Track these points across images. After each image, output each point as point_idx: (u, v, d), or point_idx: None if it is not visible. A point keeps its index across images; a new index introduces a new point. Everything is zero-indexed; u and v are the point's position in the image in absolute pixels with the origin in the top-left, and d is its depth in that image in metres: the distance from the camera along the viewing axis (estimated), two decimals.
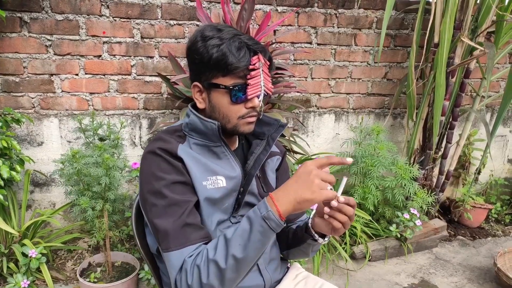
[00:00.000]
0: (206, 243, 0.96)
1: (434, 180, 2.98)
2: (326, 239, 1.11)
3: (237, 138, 1.17)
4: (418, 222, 2.58)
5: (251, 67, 0.99)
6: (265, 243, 0.90)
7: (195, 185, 1.02)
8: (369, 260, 2.61)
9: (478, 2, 2.55)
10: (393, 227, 2.63)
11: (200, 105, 1.06)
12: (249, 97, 1.00)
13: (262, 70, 1.01)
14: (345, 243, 2.58)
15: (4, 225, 2.07)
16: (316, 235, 1.09)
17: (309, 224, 1.10)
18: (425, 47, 2.59)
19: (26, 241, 2.12)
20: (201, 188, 1.02)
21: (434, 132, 2.61)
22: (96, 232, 2.14)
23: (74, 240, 2.60)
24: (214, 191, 1.03)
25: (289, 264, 1.36)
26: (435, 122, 2.57)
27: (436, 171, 2.97)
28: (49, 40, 2.34)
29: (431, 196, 2.68)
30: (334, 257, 2.60)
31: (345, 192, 2.94)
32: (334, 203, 0.92)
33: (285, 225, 0.89)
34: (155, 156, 1.00)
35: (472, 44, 2.38)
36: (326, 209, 0.95)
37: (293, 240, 1.20)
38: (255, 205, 1.13)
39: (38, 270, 2.14)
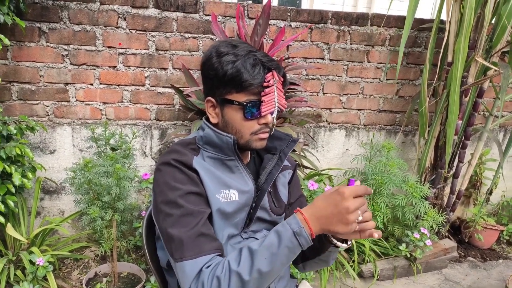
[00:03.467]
0: (219, 255, 0.96)
1: (445, 199, 2.94)
2: (349, 242, 1.04)
3: (249, 153, 1.17)
4: (428, 242, 2.54)
5: (265, 84, 0.99)
6: (290, 259, 0.91)
7: (209, 197, 1.01)
8: (377, 279, 2.57)
9: (493, 22, 2.54)
10: (402, 247, 2.59)
11: (213, 119, 1.07)
12: (263, 113, 1.01)
13: (276, 87, 1.02)
14: (353, 261, 2.54)
15: (13, 232, 2.08)
16: (337, 242, 1.03)
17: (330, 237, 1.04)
18: (438, 65, 2.59)
19: (34, 249, 2.13)
20: (214, 200, 1.02)
21: (447, 151, 2.58)
22: (104, 242, 2.14)
23: (81, 248, 2.61)
24: (226, 205, 1.03)
25: (297, 282, 1.34)
26: (448, 141, 2.54)
27: (447, 190, 2.93)
28: (66, 50, 2.38)
29: (441, 216, 2.64)
30: (341, 275, 2.56)
31: None
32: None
33: (311, 243, 0.90)
34: (170, 167, 1.00)
35: (487, 64, 2.37)
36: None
37: (310, 251, 1.14)
38: (268, 220, 1.14)
39: (45, 278, 2.14)
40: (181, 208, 0.96)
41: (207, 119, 1.11)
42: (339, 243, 1.02)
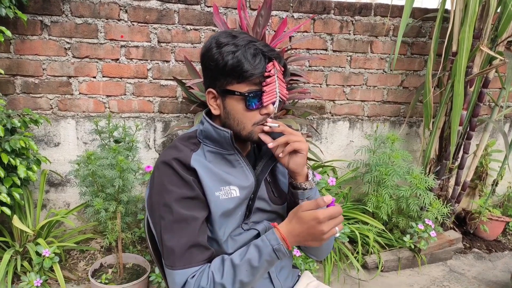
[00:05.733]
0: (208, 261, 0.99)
1: (450, 190, 2.93)
2: (310, 178, 1.09)
3: (249, 143, 1.17)
4: (432, 234, 2.53)
5: (266, 74, 0.98)
6: (269, 269, 0.98)
7: (208, 196, 1.01)
8: (381, 271, 2.57)
9: (498, 11, 2.50)
10: (407, 238, 2.59)
11: (215, 111, 1.06)
12: (264, 104, 1.00)
13: (277, 76, 1.01)
14: (357, 252, 2.54)
15: (19, 224, 2.10)
16: (301, 184, 1.09)
17: (292, 182, 1.10)
18: (443, 55, 2.55)
19: (40, 240, 2.15)
20: (214, 199, 1.02)
21: (451, 142, 2.56)
22: (108, 234, 2.16)
23: (87, 240, 2.64)
24: (227, 202, 1.03)
25: (300, 272, 1.35)
26: (453, 132, 2.52)
27: (452, 181, 2.92)
28: (68, 43, 2.38)
29: (446, 207, 2.63)
30: (345, 266, 2.57)
31: (357, 201, 2.91)
32: (266, 128, 1.03)
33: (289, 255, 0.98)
34: (168, 168, 1.00)
35: (492, 53, 2.34)
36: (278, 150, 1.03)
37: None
38: (269, 210, 1.14)
39: (51, 269, 2.17)
40: (174, 214, 0.97)
41: (207, 113, 1.11)
42: (303, 184, 1.09)
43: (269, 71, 0.99)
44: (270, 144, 1.01)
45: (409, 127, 3.08)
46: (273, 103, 1.02)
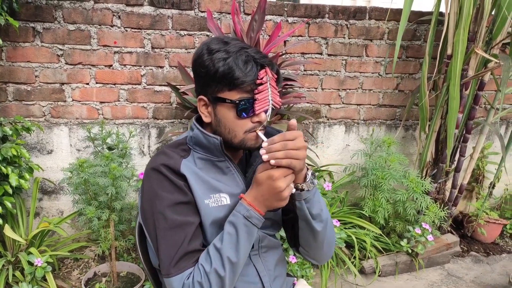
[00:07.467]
0: None
1: (447, 194, 2.91)
2: (308, 179, 1.00)
3: (242, 150, 1.15)
4: (430, 237, 2.52)
5: (258, 81, 0.97)
6: (251, 241, 0.98)
7: (198, 204, 1.00)
8: (379, 275, 2.55)
9: (493, 13, 2.50)
10: (404, 242, 2.57)
11: (206, 119, 1.05)
12: (256, 112, 0.98)
13: (270, 84, 0.99)
14: (354, 257, 2.52)
15: (11, 233, 2.07)
16: (298, 185, 0.99)
17: None
18: (438, 58, 2.55)
19: (32, 250, 2.12)
20: (204, 207, 1.00)
21: (448, 145, 2.55)
22: (101, 242, 2.13)
23: (81, 248, 2.60)
24: (217, 210, 1.01)
25: (295, 280, 1.32)
26: (449, 135, 2.51)
27: (448, 184, 2.90)
28: (60, 49, 2.36)
29: (443, 211, 2.61)
30: (342, 272, 2.54)
31: (354, 205, 2.88)
32: (265, 156, 0.92)
33: (263, 220, 0.98)
34: (158, 174, 0.99)
35: (487, 56, 2.33)
36: (272, 161, 0.90)
37: (288, 221, 1.18)
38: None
39: (44, 278, 2.13)
40: (168, 221, 0.96)
41: (197, 119, 1.10)
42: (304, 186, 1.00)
43: (261, 78, 0.97)
44: (266, 157, 0.91)
45: (405, 130, 3.07)
46: (265, 111, 1.00)
